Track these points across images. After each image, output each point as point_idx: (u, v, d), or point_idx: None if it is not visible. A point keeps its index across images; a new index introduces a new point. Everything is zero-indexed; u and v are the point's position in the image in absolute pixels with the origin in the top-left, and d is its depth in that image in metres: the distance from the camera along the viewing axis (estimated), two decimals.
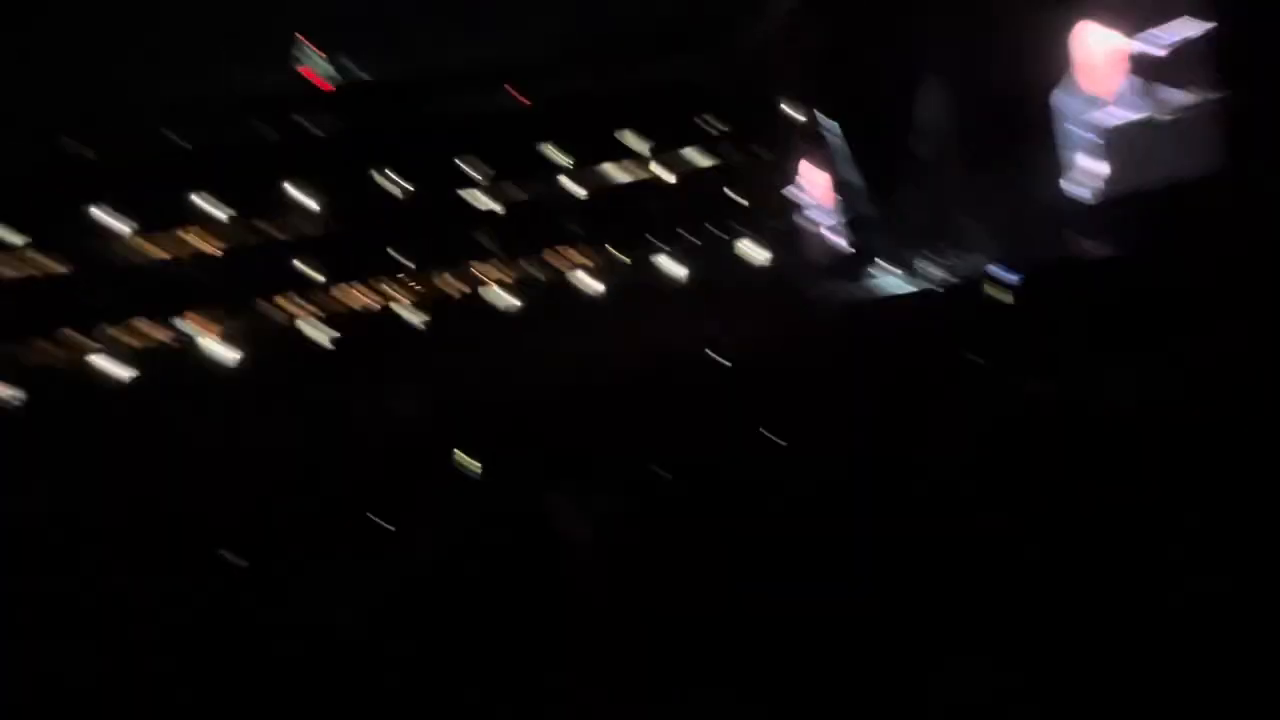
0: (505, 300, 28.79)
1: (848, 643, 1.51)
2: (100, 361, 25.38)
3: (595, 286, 28.64)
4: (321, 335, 27.40)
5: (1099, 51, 12.70)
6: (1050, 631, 1.39)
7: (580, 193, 29.69)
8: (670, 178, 29.98)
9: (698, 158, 30.12)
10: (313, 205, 28.07)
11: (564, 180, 29.66)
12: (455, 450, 4.95)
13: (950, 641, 1.50)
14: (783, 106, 24.57)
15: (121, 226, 26.41)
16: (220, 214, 27.27)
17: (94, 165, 25.90)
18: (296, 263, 27.49)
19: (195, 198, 26.84)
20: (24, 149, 24.86)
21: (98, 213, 26.02)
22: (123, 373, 25.40)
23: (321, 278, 27.57)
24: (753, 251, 28.02)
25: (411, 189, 28.62)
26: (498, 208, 29.41)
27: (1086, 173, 13.18)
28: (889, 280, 17.07)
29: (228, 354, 26.49)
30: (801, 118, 23.96)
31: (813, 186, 23.42)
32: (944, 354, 6.21)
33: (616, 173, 29.93)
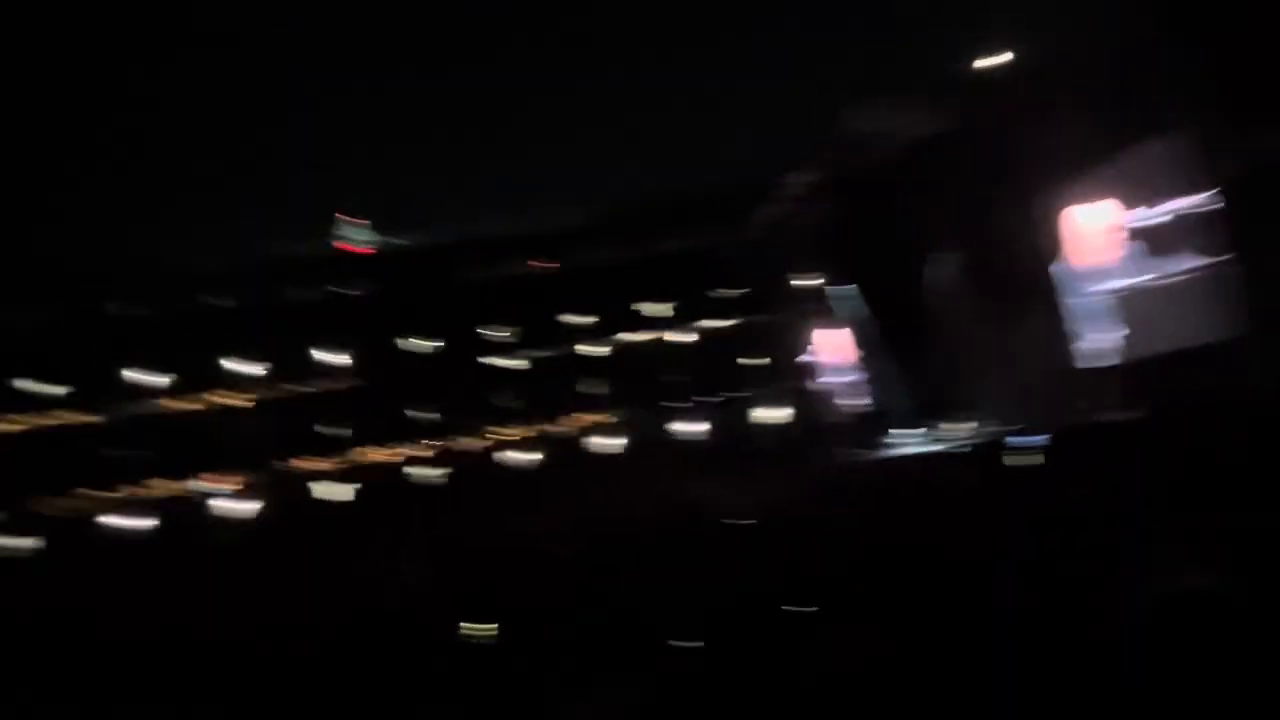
0: (523, 459, 28.78)
1: None
2: (113, 516, 25.36)
3: (614, 447, 28.64)
4: (338, 493, 27.34)
5: (1097, 224, 13.26)
6: None
7: (600, 355, 30.36)
8: (688, 341, 30.70)
9: (714, 322, 30.95)
10: (342, 365, 28.87)
11: (584, 344, 30.44)
12: (463, 620, 4.84)
13: None
14: (797, 274, 25.43)
15: (154, 384, 27.17)
16: (250, 373, 28.05)
17: (130, 325, 27.04)
18: (321, 422, 27.90)
19: (226, 359, 27.74)
20: (66, 307, 26.08)
21: (131, 372, 26.89)
22: (135, 526, 25.28)
23: (345, 436, 27.85)
24: (769, 413, 28.14)
25: (436, 351, 29.46)
26: (519, 368, 30.07)
27: (1094, 338, 13.41)
28: (904, 442, 17.01)
29: (243, 511, 26.39)
30: (816, 284, 24.74)
31: (827, 350, 23.82)
32: (961, 515, 6.12)
33: (635, 336, 30.72)
